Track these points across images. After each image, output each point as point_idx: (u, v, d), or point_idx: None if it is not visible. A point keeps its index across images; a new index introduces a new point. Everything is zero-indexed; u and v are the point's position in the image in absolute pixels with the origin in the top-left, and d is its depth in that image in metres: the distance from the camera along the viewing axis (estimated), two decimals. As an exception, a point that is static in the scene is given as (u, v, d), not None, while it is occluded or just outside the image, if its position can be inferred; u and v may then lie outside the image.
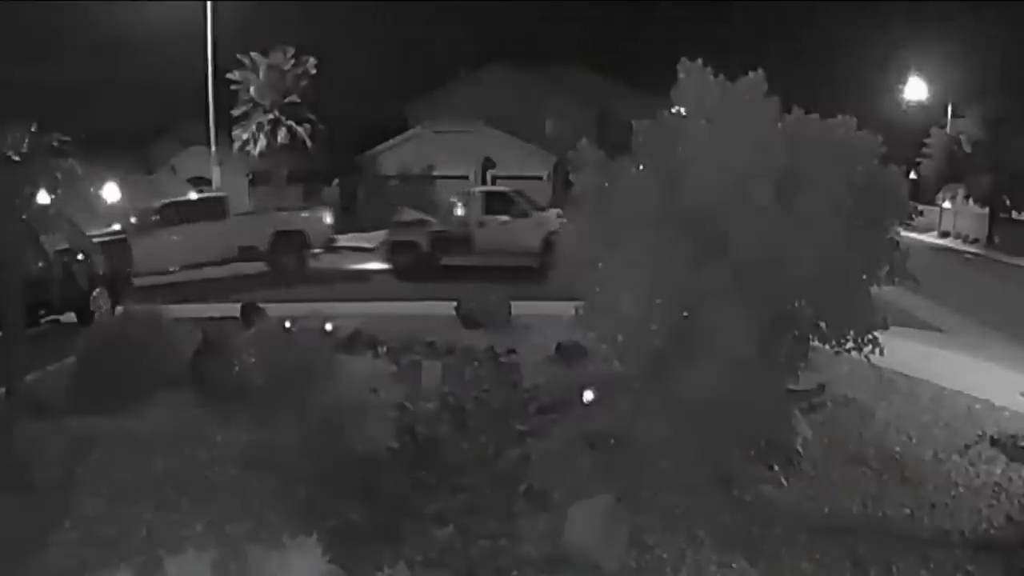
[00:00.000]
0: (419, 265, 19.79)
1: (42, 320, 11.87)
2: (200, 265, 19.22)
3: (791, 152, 6.70)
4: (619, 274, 6.87)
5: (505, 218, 20.54)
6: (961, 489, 6.68)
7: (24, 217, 8.42)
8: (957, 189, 33.91)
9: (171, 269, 18.93)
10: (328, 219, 21.44)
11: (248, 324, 10.52)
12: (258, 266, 20.19)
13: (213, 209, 20.09)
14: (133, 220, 19.76)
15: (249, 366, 8.30)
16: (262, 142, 31.18)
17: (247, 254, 19.92)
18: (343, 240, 23.09)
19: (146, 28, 32.00)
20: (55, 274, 10.19)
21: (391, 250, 20.47)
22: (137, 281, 18.69)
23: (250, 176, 33.72)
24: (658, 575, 5.38)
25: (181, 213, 19.84)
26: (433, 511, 6.13)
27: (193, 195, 23.25)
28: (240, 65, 31.15)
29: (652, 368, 6.94)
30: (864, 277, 6.82)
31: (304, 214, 21.92)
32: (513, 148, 35.05)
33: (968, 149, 33.54)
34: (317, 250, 20.94)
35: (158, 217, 19.63)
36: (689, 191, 6.61)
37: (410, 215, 23.24)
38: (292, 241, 20.28)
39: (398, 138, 36.06)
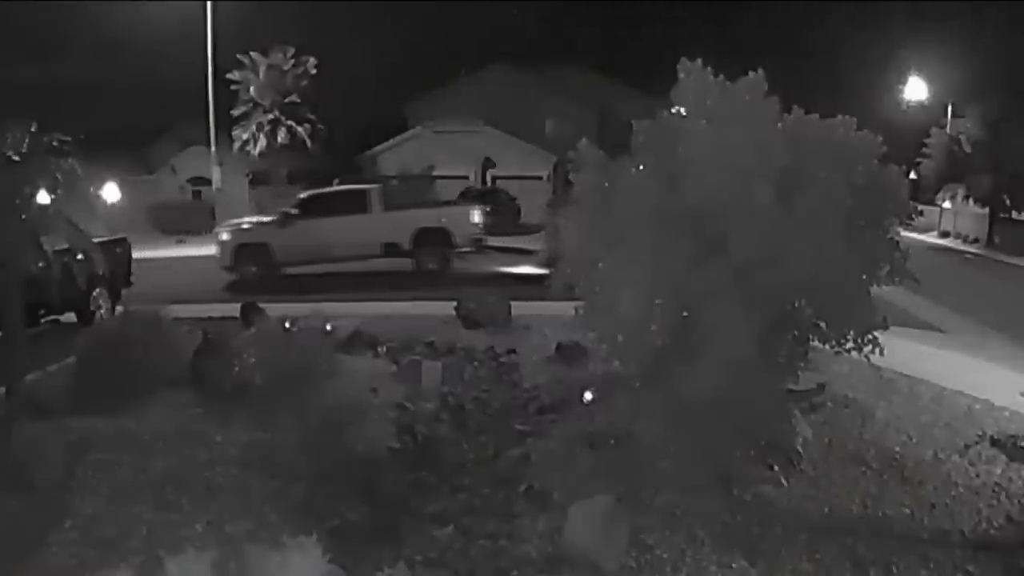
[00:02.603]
0: None
1: (42, 320, 11.87)
2: (341, 260, 18.64)
3: (791, 152, 6.69)
4: (619, 274, 6.87)
5: None
6: (961, 489, 6.68)
7: (24, 217, 8.41)
8: (957, 189, 33.91)
9: (310, 262, 18.51)
10: (476, 217, 20.23)
11: (248, 324, 10.52)
12: (405, 263, 19.36)
13: (355, 202, 19.38)
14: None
15: (249, 366, 8.29)
16: (262, 142, 31.25)
17: (390, 251, 19.12)
18: (501, 240, 22.01)
19: (146, 28, 32.04)
20: (55, 274, 10.17)
21: (553, 256, 19.56)
22: (289, 271, 18.66)
23: (250, 176, 33.74)
24: (658, 575, 5.39)
25: (322, 205, 19.30)
26: (433, 511, 6.14)
27: (336, 186, 22.30)
28: (240, 65, 31.21)
29: (652, 368, 6.94)
30: (864, 277, 6.83)
31: (449, 211, 20.79)
32: (513, 148, 35.11)
33: (968, 149, 33.56)
34: (466, 250, 19.78)
35: (299, 209, 19.22)
36: (689, 191, 6.61)
37: None
38: (435, 239, 19.32)
39: (398, 138, 36.12)
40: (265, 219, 20.12)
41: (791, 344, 7.02)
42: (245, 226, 19.74)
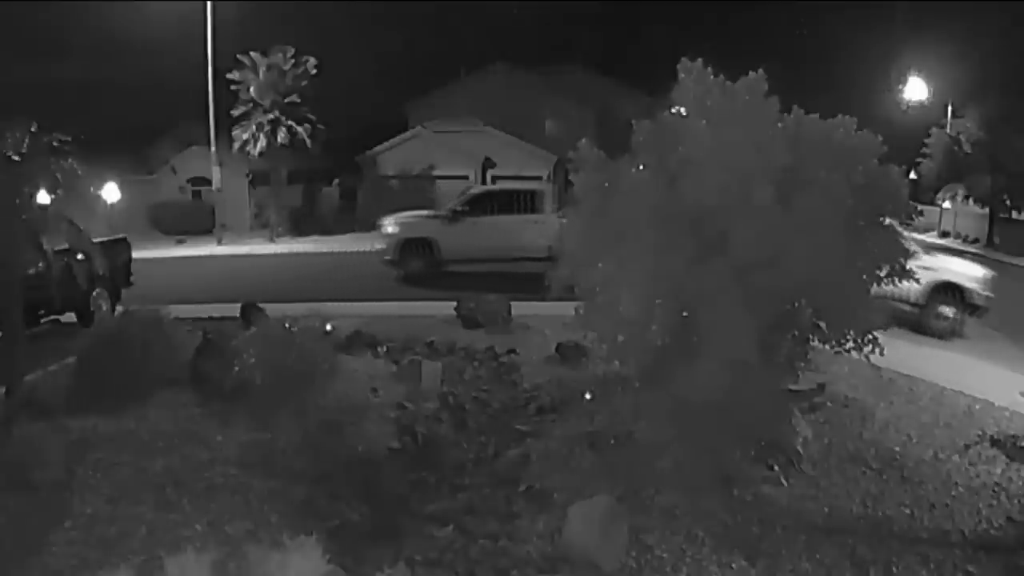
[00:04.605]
0: None
1: (42, 320, 11.87)
2: (506, 260, 18.29)
3: (791, 152, 6.69)
4: (619, 274, 6.86)
5: None
6: (961, 489, 6.68)
7: (24, 217, 8.41)
8: (957, 189, 33.94)
9: (475, 261, 18.36)
10: None
11: (248, 324, 10.51)
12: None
13: (524, 202, 19.20)
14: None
15: (249, 366, 8.28)
16: (262, 142, 31.11)
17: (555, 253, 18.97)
18: None
19: (146, 28, 32.06)
20: (55, 274, 10.16)
21: None
22: (453, 268, 18.51)
23: (250, 176, 33.71)
24: (658, 575, 5.39)
25: (492, 203, 19.24)
26: (433, 511, 6.14)
27: (508, 185, 21.98)
28: (240, 65, 31.11)
29: (652, 368, 6.93)
30: (864, 277, 6.83)
31: None
32: (513, 148, 35.04)
33: (968, 149, 33.57)
34: None
35: (468, 206, 19.18)
36: (689, 191, 6.60)
37: None
38: None
39: (398, 138, 36.04)
40: (432, 213, 19.97)
41: (791, 344, 7.02)
42: (412, 220, 19.55)
